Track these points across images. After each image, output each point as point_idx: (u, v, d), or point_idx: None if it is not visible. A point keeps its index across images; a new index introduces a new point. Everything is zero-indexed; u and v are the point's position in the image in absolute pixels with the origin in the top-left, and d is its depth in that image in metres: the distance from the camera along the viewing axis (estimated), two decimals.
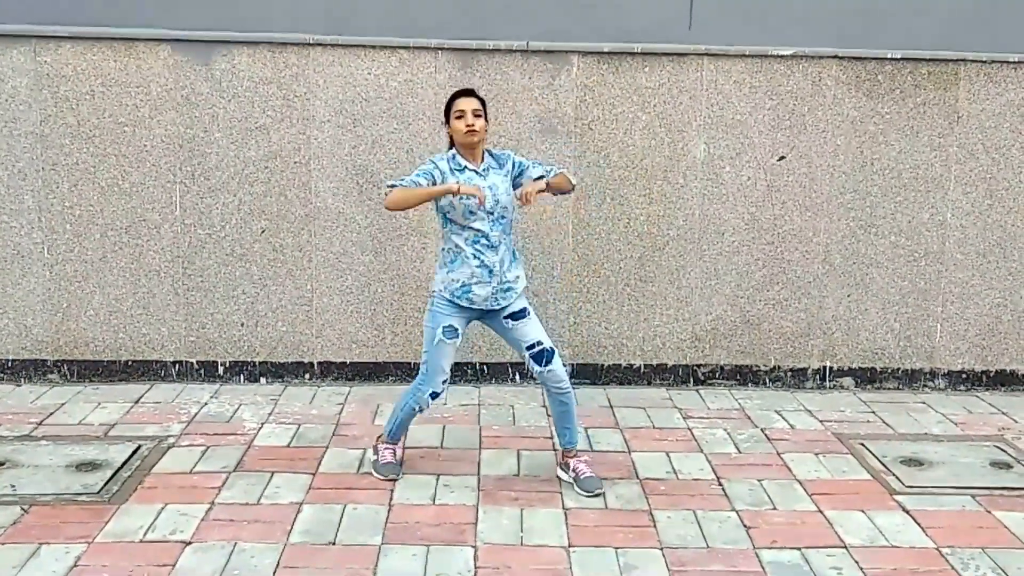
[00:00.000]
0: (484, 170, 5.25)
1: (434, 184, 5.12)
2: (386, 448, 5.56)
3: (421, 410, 5.47)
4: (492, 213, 5.19)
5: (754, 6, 6.98)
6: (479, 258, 5.19)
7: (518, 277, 5.33)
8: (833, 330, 7.28)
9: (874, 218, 7.16)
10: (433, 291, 5.36)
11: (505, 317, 5.31)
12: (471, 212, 5.14)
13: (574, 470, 5.39)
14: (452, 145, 5.32)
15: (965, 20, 7.05)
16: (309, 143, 6.93)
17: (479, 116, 5.18)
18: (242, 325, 7.10)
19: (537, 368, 5.28)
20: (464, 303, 5.23)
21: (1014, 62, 7.01)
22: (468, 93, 5.28)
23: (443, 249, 5.32)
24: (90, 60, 6.77)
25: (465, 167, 5.21)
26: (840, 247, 7.19)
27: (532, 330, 5.30)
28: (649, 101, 6.98)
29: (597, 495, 5.25)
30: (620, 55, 6.92)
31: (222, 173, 6.93)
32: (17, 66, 6.75)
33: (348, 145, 6.94)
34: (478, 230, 5.18)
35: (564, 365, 5.36)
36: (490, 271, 5.20)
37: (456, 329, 5.28)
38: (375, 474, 5.49)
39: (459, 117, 5.16)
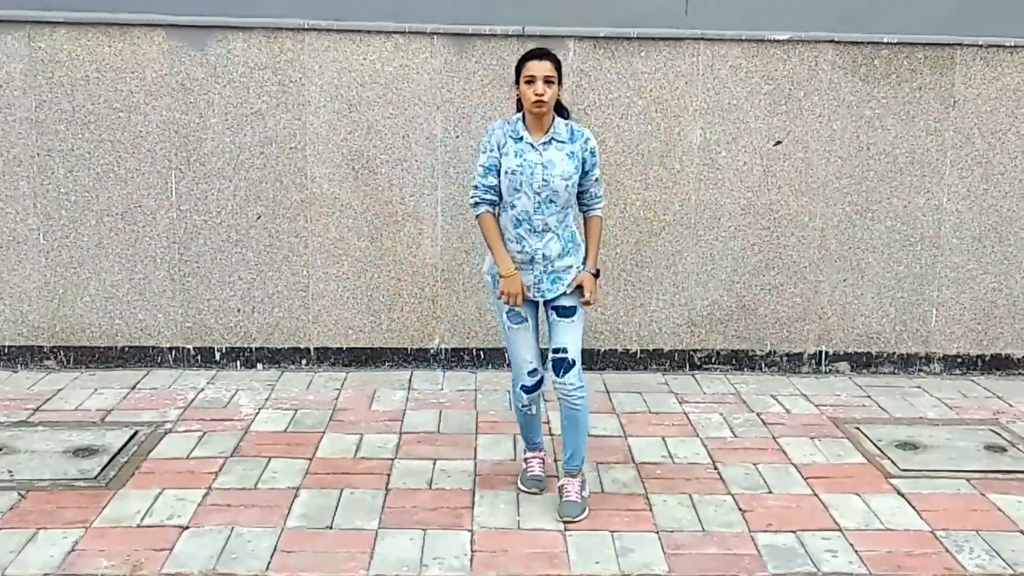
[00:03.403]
0: (544, 143, 4.72)
1: (496, 172, 4.76)
2: (528, 456, 5.27)
3: (524, 407, 5.05)
4: (539, 194, 4.70)
5: None
6: (520, 243, 4.77)
7: (570, 267, 4.82)
8: (829, 315, 7.31)
9: (870, 203, 7.19)
10: (484, 272, 5.06)
11: (553, 307, 4.88)
12: (515, 189, 4.71)
13: (562, 489, 4.96)
14: (520, 107, 4.80)
15: (961, 4, 7.06)
16: (305, 129, 6.94)
17: (551, 83, 4.61)
18: (238, 311, 7.12)
19: (553, 376, 4.85)
20: None
21: (1010, 46, 7.04)
22: (542, 55, 4.66)
23: None
24: (85, 45, 6.77)
25: (522, 137, 4.73)
26: (836, 232, 7.22)
27: (566, 334, 4.84)
28: (645, 86, 6.99)
29: (569, 521, 4.82)
30: (616, 40, 6.92)
31: (218, 159, 6.94)
32: (12, 51, 6.75)
33: (344, 131, 6.95)
34: (522, 210, 4.73)
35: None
36: (532, 258, 4.78)
37: (520, 313, 4.87)
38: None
39: (529, 82, 4.62)
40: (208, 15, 6.79)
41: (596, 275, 4.91)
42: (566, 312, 4.85)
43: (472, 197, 4.87)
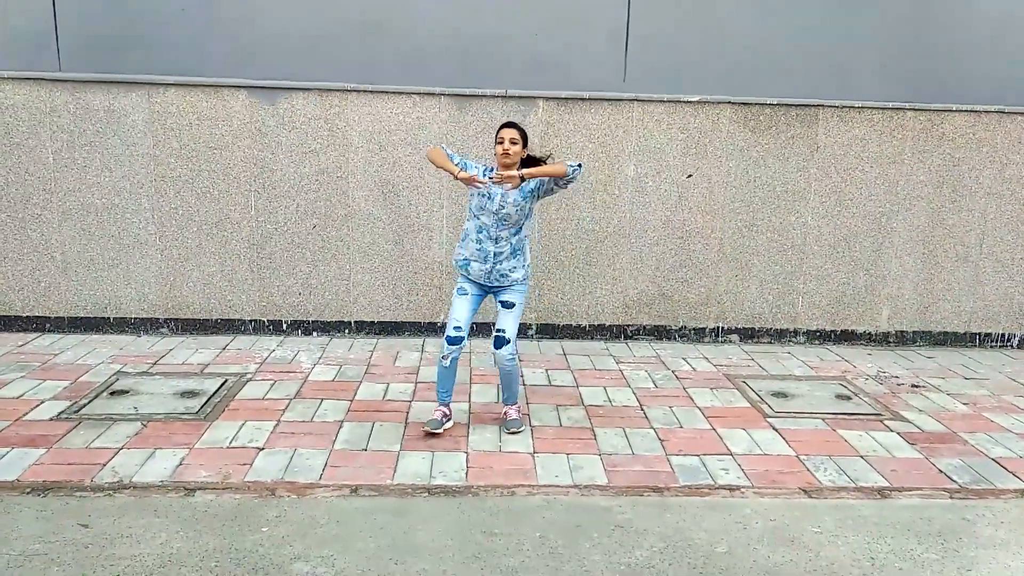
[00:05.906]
0: None
1: (462, 165, 4.84)
2: (435, 408, 5.13)
3: (443, 358, 4.94)
4: (497, 214, 4.83)
5: (670, 66, 7.00)
6: (480, 244, 4.87)
7: (514, 268, 4.92)
8: (724, 300, 7.35)
9: (755, 220, 7.22)
10: (453, 262, 5.09)
11: (499, 301, 4.96)
12: (481, 208, 4.84)
13: (505, 415, 5.17)
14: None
15: (823, 77, 7.10)
16: (347, 163, 6.95)
17: (515, 143, 4.78)
18: (300, 294, 7.12)
19: (492, 348, 4.97)
20: (464, 273, 4.95)
21: (858, 107, 7.08)
22: (511, 125, 4.87)
23: (463, 230, 5.01)
24: (189, 101, 6.77)
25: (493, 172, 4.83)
26: (730, 241, 7.24)
27: (505, 320, 4.91)
28: (594, 134, 7.01)
29: (513, 432, 5.04)
30: (573, 100, 6.94)
31: (284, 184, 6.94)
32: (136, 105, 6.74)
33: (376, 164, 6.96)
34: (483, 222, 4.86)
35: (531, 326, 5.26)
36: (485, 256, 4.87)
37: (465, 290, 4.95)
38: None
39: (499, 143, 4.81)
40: (278, 79, 6.79)
41: (522, 180, 4.71)
42: (508, 305, 4.94)
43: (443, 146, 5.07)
